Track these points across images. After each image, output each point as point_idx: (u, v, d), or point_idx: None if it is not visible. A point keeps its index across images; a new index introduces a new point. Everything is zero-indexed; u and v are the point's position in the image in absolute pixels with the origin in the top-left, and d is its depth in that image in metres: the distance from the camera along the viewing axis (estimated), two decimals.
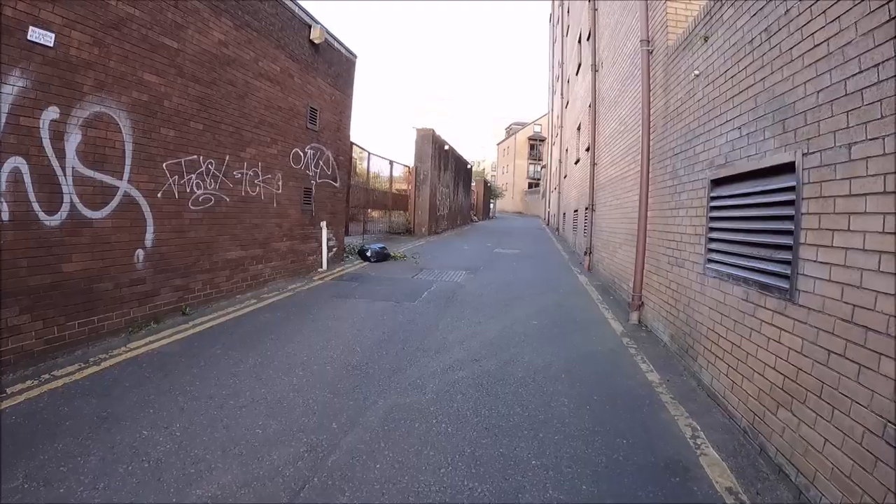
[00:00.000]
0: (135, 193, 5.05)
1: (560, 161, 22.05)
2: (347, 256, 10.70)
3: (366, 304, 6.46)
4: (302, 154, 8.30)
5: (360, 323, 5.54)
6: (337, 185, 9.63)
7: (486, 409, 3.40)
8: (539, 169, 61.07)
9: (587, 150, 12.09)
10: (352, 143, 12.05)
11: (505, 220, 41.95)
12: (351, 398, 3.50)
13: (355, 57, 10.34)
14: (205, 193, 6.08)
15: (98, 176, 4.61)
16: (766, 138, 3.15)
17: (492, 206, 51.22)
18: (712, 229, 4.15)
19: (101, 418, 3.02)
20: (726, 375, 3.58)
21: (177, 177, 5.60)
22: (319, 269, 9.04)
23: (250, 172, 6.97)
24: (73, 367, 3.86)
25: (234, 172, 6.64)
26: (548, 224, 31.77)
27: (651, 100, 6.18)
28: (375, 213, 16.30)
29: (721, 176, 3.93)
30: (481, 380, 3.93)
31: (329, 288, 7.59)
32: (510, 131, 74.29)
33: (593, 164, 10.44)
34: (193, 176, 5.88)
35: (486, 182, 46.33)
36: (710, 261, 4.14)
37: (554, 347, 4.90)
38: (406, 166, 18.11)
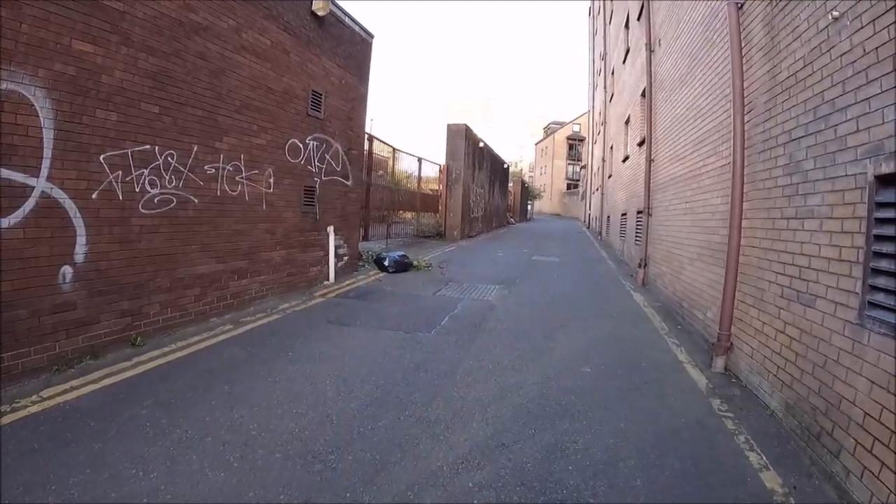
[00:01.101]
0: (58, 194, 3.85)
1: (603, 160, 20.24)
2: (363, 265, 9.39)
3: (366, 336, 5.08)
4: (301, 146, 7.01)
5: (351, 368, 4.16)
6: (348, 183, 8.32)
7: None
8: (578, 170, 58.72)
9: (639, 144, 10.41)
10: (370, 136, 10.78)
11: (543, 223, 40.12)
12: None
13: (371, 37, 9.02)
14: (163, 193, 4.85)
15: (4, 173, 3.43)
16: None
17: (529, 207, 49.37)
18: (879, 255, 2.57)
19: None
20: None
21: (121, 172, 4.38)
22: (325, 282, 7.75)
23: (229, 167, 5.72)
24: None
25: (207, 167, 5.41)
26: (588, 227, 29.85)
27: (745, 69, 4.59)
28: (407, 215, 15.01)
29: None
30: (511, 491, 2.47)
31: (329, 308, 6.27)
32: (548, 131, 72.06)
33: (649, 161, 8.78)
34: (146, 171, 4.67)
35: (523, 183, 44.55)
36: (873, 304, 2.56)
37: (618, 418, 3.38)
38: (437, 165, 16.76)
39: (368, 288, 7.61)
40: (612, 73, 18.03)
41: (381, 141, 11.74)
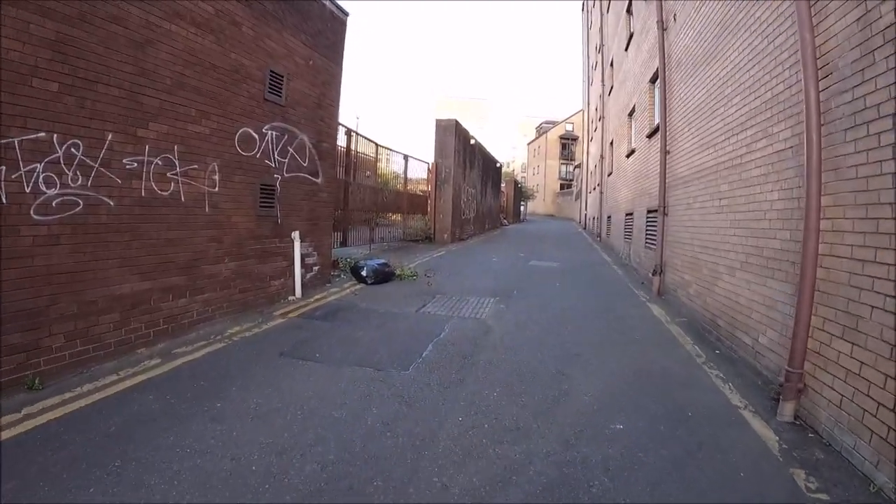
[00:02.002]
0: None
1: (601, 157, 19.17)
2: (338, 275, 8.20)
3: (325, 376, 3.90)
4: (256, 136, 5.83)
5: (294, 431, 2.99)
6: (318, 181, 7.14)
7: None
8: (572, 169, 57.82)
9: (649, 136, 9.32)
10: (350, 131, 9.61)
11: (537, 224, 39.06)
12: None
13: (346, 15, 7.85)
14: (64, 194, 3.75)
15: None
16: None
17: (522, 208, 48.33)
18: None
19: None
20: None
21: (4, 168, 3.28)
22: (290, 298, 6.57)
23: (157, 160, 4.56)
24: None
25: (126, 160, 4.26)
26: (585, 228, 28.80)
27: (814, 23, 3.49)
28: (394, 217, 13.84)
29: None
30: None
31: (287, 334, 5.09)
32: (541, 130, 71.20)
33: (664, 153, 7.67)
34: (40, 167, 3.58)
35: (516, 183, 43.50)
36: None
37: None
38: (426, 163, 15.60)
39: (340, 304, 6.42)
40: (611, 64, 16.98)
41: (362, 136, 10.58)
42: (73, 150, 3.79)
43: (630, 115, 12.20)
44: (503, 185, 34.32)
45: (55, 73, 3.61)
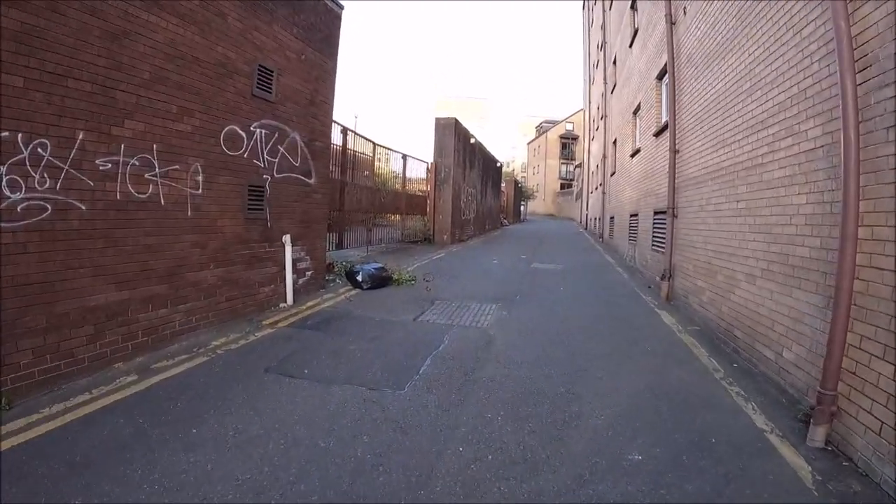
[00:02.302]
0: None
1: (604, 156, 18.84)
2: (332, 280, 7.87)
3: (312, 396, 3.58)
4: (243, 134, 5.51)
5: (274, 464, 2.67)
6: (311, 181, 6.81)
7: None
8: (572, 169, 57.46)
9: (656, 134, 8.99)
10: (346, 129, 9.29)
11: (537, 224, 38.74)
12: None
13: (341, 8, 7.52)
14: (30, 199, 3.46)
15: None
16: None
17: (522, 208, 48.00)
18: None
19: None
20: None
21: None
22: (281, 305, 6.24)
23: (134, 161, 4.24)
24: None
25: (100, 160, 3.96)
26: (586, 228, 28.48)
27: (849, 10, 3.18)
28: (393, 218, 13.53)
29: None
30: None
31: (275, 346, 4.76)
32: (541, 129, 70.78)
33: (673, 152, 7.35)
34: (3, 169, 3.33)
35: (516, 183, 43.16)
36: None
37: None
38: (425, 163, 15.27)
39: (334, 312, 6.09)
40: (614, 61, 16.64)
41: (358, 135, 10.24)
42: (40, 150, 3.48)
43: (635, 113, 11.87)
44: (503, 184, 34.00)
45: (20, 67, 3.31)
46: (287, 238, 6.22)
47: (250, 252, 5.72)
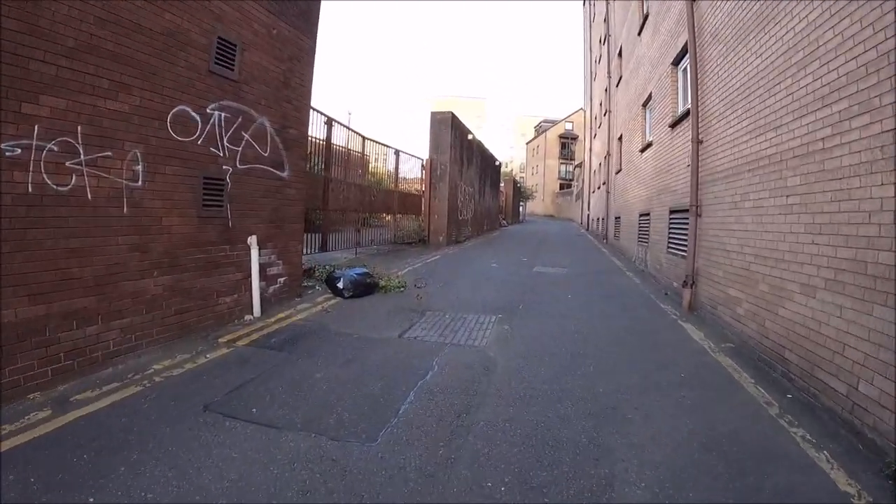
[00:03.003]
0: None
1: (608, 154, 17.99)
2: (313, 287, 7.00)
3: (256, 449, 2.69)
4: (197, 117, 4.64)
5: None
6: (283, 174, 5.93)
7: None
8: (572, 169, 56.66)
9: (672, 125, 8.14)
10: (331, 120, 8.43)
11: (537, 224, 37.88)
12: None
13: None
14: None
15: None
16: None
17: (521, 208, 47.17)
18: None
19: None
20: None
21: None
22: (247, 318, 5.37)
23: (52, 146, 3.41)
24: None
25: (6, 145, 3.16)
26: (587, 229, 27.63)
27: None
28: (386, 218, 12.69)
29: None
30: None
31: (225, 372, 3.88)
32: (540, 129, 69.98)
33: (696, 142, 6.49)
34: None
35: (515, 182, 42.28)
36: None
37: None
38: (420, 159, 14.40)
39: (306, 326, 5.21)
40: (619, 54, 15.80)
41: (345, 127, 9.36)
42: None
43: (644, 105, 11.02)
44: (502, 184, 33.14)
45: None
46: (253, 240, 5.35)
47: (206, 256, 4.85)
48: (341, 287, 6.35)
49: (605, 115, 19.60)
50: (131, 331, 4.13)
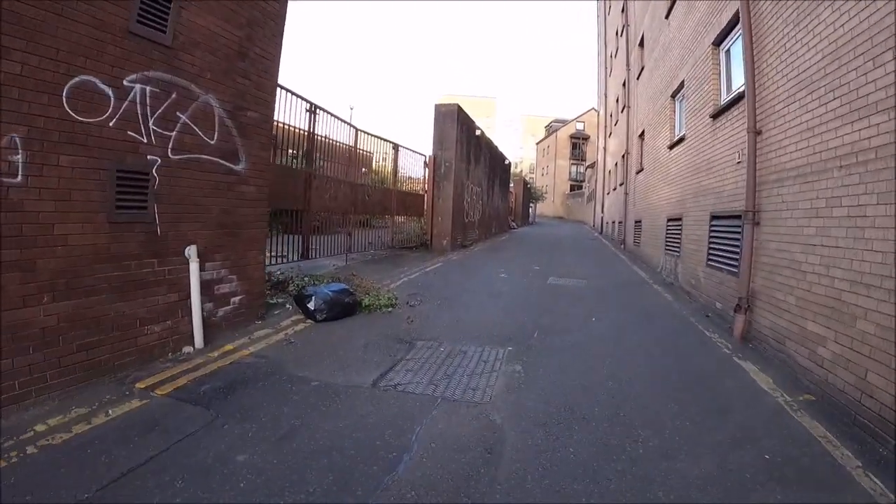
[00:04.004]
0: None
1: (626, 152, 16.69)
2: (284, 305, 5.84)
3: None
4: (108, 91, 3.48)
5: None
6: (237, 167, 4.77)
7: None
8: (583, 170, 55.18)
9: (714, 116, 6.89)
10: (315, 107, 7.30)
11: (548, 227, 36.53)
12: None
13: None
14: None
15: None
16: None
17: (531, 210, 45.83)
18: None
19: None
20: None
21: None
22: (185, 350, 4.23)
23: None
24: None
25: None
26: (601, 233, 26.29)
27: None
28: (396, 218, 11.56)
29: None
30: None
31: (119, 446, 2.72)
32: (550, 129, 68.45)
33: (754, 133, 5.25)
34: None
35: (525, 183, 40.92)
36: None
37: None
38: (423, 156, 13.23)
39: (255, 365, 4.03)
40: (641, 43, 14.52)
41: (332, 115, 8.18)
42: None
43: (674, 95, 9.76)
44: (511, 184, 31.85)
45: None
46: (192, 251, 4.20)
47: (124, 274, 3.70)
48: (313, 308, 5.18)
49: (622, 111, 18.30)
50: (12, 377, 3.00)
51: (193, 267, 4.22)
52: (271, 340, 4.63)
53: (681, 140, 8.89)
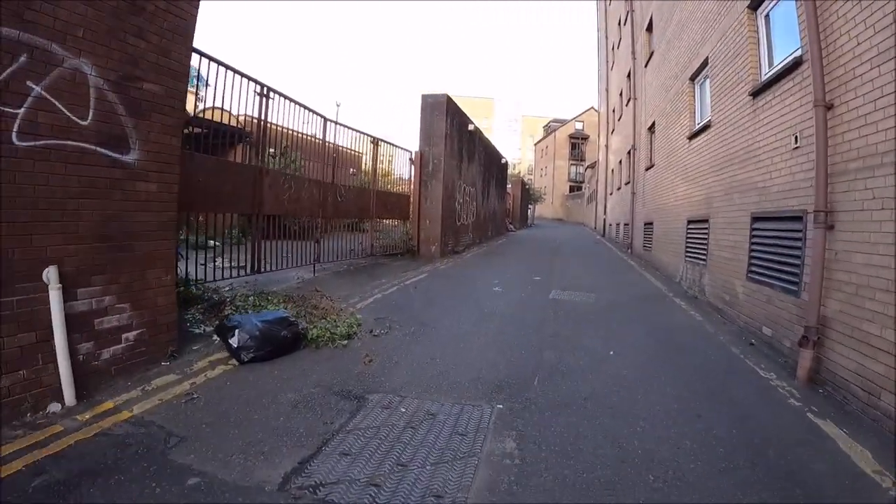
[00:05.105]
0: None
1: (633, 148, 15.41)
2: (212, 337, 4.54)
3: None
4: None
5: None
6: (128, 157, 3.47)
7: None
8: (582, 170, 53.90)
9: (756, 94, 5.63)
10: (269, 90, 6.07)
11: (547, 229, 35.19)
12: None
13: None
14: None
15: None
16: None
17: (530, 211, 44.54)
18: None
19: None
20: None
21: None
22: (51, 408, 2.96)
23: None
24: None
25: None
26: (604, 235, 24.99)
27: None
28: (390, 222, 10.31)
29: None
30: None
31: None
32: (549, 129, 67.15)
33: (824, 107, 4.00)
34: None
35: (523, 184, 39.64)
36: None
37: None
38: (409, 152, 11.97)
39: (128, 439, 2.73)
40: (649, 27, 13.29)
41: (290, 100, 6.88)
42: None
43: (693, 77, 8.49)
44: (509, 185, 30.56)
45: None
46: (51, 273, 2.93)
47: None
48: (237, 346, 3.89)
49: (627, 104, 17.03)
50: None
51: (54, 295, 2.94)
52: (169, 394, 3.33)
53: (705, 128, 7.61)
